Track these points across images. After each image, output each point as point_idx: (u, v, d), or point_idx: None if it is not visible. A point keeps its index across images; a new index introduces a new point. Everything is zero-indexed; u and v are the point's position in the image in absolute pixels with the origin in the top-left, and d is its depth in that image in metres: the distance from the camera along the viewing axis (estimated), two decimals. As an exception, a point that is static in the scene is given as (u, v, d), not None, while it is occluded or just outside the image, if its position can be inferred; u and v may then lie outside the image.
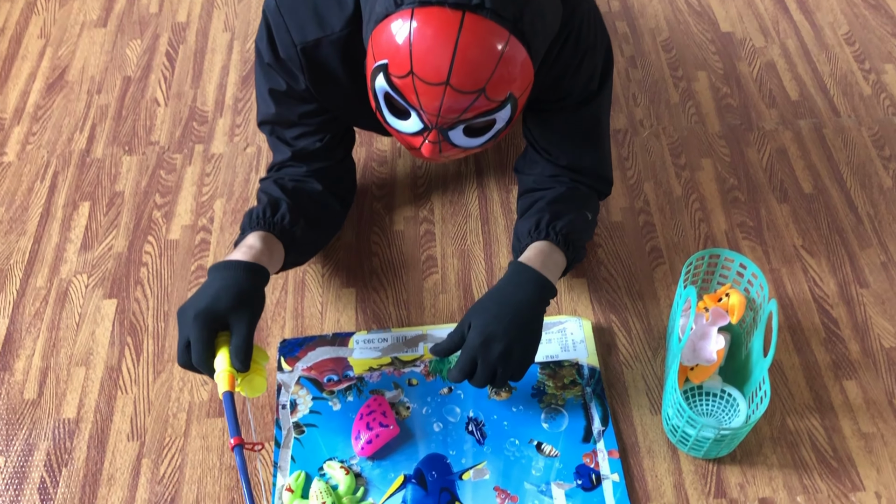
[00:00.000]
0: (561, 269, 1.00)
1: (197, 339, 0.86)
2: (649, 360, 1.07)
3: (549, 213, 1.02)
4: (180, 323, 0.89)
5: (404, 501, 0.95)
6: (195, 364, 0.87)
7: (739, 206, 1.24)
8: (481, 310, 0.94)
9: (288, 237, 1.00)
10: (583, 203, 1.05)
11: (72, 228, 1.21)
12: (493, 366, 0.91)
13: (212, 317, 0.87)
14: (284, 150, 1.05)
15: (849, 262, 1.17)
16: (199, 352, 0.86)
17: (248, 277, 0.91)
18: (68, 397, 1.04)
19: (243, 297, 0.89)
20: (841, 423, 1.01)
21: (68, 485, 0.97)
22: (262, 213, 0.99)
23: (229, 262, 0.92)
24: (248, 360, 0.87)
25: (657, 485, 0.96)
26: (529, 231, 1.01)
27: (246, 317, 0.88)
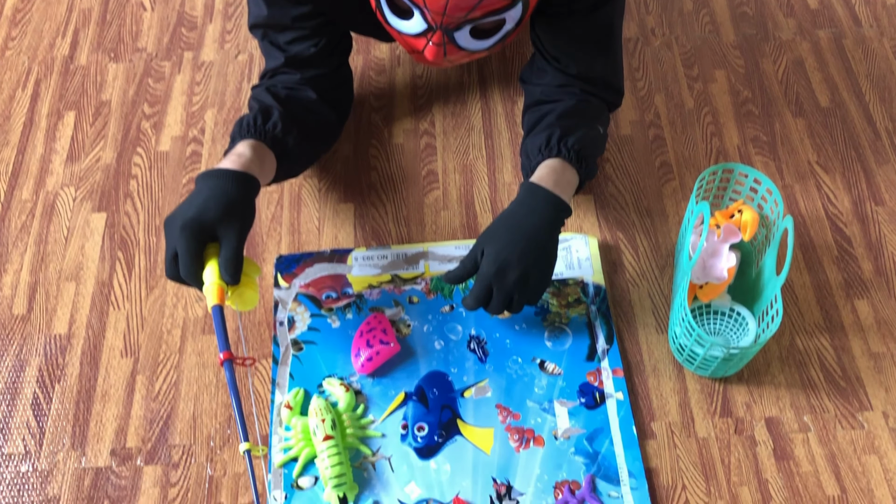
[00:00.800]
0: (574, 187, 0.96)
1: (184, 250, 0.82)
2: (656, 279, 1.04)
3: (559, 128, 0.96)
4: (167, 233, 0.85)
5: (405, 418, 0.93)
6: (183, 277, 0.84)
7: (753, 119, 1.19)
8: (494, 235, 0.90)
9: (280, 146, 0.95)
10: (594, 116, 1.00)
11: (57, 139, 1.16)
12: (509, 293, 0.88)
13: (199, 227, 0.83)
14: (277, 55, 1.00)
15: (864, 178, 1.13)
16: (187, 264, 0.82)
17: (238, 187, 0.87)
18: (59, 313, 1.01)
19: (233, 207, 0.85)
20: (851, 343, 0.99)
21: (62, 401, 0.95)
22: (253, 120, 0.94)
23: (218, 170, 0.88)
24: (238, 273, 0.83)
25: (662, 403, 0.95)
26: (540, 148, 0.96)
27: (235, 227, 0.84)
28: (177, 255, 0.83)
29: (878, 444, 0.92)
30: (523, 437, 0.92)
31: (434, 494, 0.89)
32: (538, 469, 0.90)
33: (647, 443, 0.92)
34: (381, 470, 0.90)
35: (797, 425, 0.93)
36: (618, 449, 0.91)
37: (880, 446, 0.92)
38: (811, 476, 0.90)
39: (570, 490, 0.88)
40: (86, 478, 0.90)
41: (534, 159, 0.97)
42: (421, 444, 0.92)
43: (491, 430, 0.93)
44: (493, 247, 0.89)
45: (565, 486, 0.89)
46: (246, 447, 0.77)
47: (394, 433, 0.92)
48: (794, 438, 0.92)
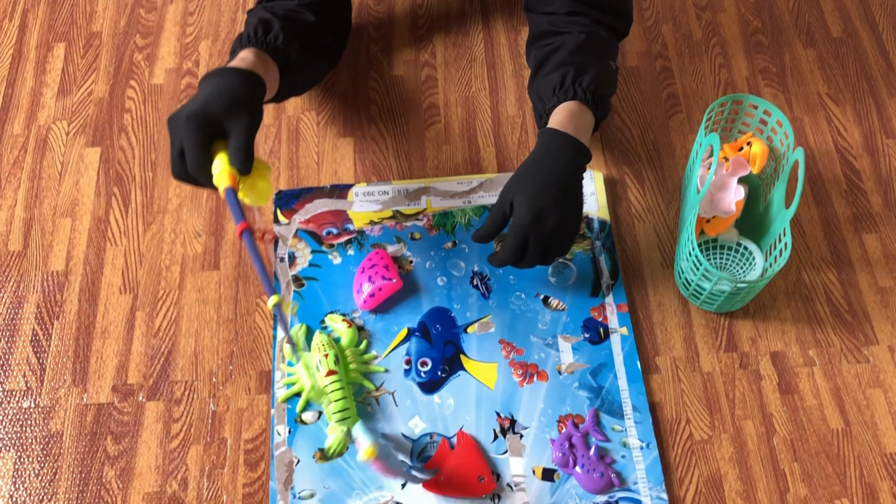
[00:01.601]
0: (591, 130, 0.92)
1: (191, 141, 0.77)
2: (662, 213, 1.02)
3: (573, 66, 0.92)
4: (172, 130, 0.79)
5: (408, 354, 0.93)
6: (191, 171, 0.79)
7: (762, 50, 1.15)
8: (522, 184, 0.86)
9: (282, 58, 0.91)
10: (605, 51, 0.96)
11: (47, 72, 1.13)
12: (547, 241, 0.85)
13: (205, 118, 0.78)
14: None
15: (876, 110, 1.10)
16: (196, 155, 0.78)
17: (244, 83, 0.82)
18: (55, 249, 0.99)
19: (239, 101, 0.80)
20: (858, 277, 0.98)
21: (61, 337, 0.94)
22: (254, 32, 0.90)
23: (221, 69, 0.83)
24: (249, 161, 0.79)
25: (667, 338, 0.94)
26: (554, 89, 0.92)
27: (244, 119, 0.79)
28: (183, 151, 0.79)
29: (883, 378, 0.92)
30: (527, 372, 0.92)
31: (438, 428, 0.89)
32: (542, 403, 0.90)
33: (652, 377, 0.92)
34: (385, 404, 0.90)
35: (802, 360, 0.93)
36: (622, 383, 0.91)
37: (885, 380, 0.92)
38: (815, 409, 0.90)
39: (573, 424, 0.88)
40: (88, 414, 0.90)
41: (548, 102, 0.93)
42: (424, 378, 0.91)
43: (495, 366, 0.92)
44: (524, 195, 0.85)
45: (569, 420, 0.89)
46: (275, 300, 0.74)
47: (397, 368, 0.92)
48: (799, 373, 0.92)
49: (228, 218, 1.01)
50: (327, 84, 1.12)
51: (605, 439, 0.88)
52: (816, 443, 0.88)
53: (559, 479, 0.86)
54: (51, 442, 0.88)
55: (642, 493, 0.85)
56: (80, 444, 0.88)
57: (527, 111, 1.10)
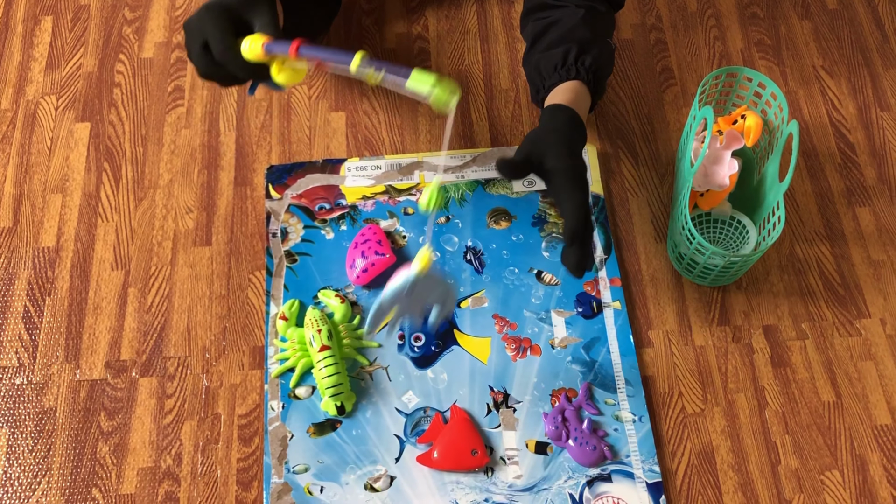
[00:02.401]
0: (587, 110, 0.90)
1: (214, 27, 0.74)
2: (656, 187, 1.02)
3: (575, 45, 0.90)
4: (189, 31, 0.76)
5: (401, 329, 0.93)
6: (219, 57, 0.75)
7: (758, 22, 1.14)
8: (545, 141, 0.81)
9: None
10: (604, 26, 0.95)
11: (34, 45, 1.12)
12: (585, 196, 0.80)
13: (225, 7, 0.75)
14: None
15: (871, 83, 1.10)
16: (221, 39, 0.73)
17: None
18: (46, 225, 0.99)
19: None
20: (851, 251, 0.98)
21: (53, 314, 0.94)
22: None
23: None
24: (280, 31, 0.75)
25: (660, 312, 0.94)
26: (556, 67, 0.91)
27: (266, 6, 0.76)
28: (205, 45, 0.75)
29: (875, 351, 0.92)
30: (520, 347, 0.92)
31: (431, 403, 0.89)
32: (535, 377, 0.90)
33: (644, 351, 0.92)
34: (379, 379, 0.90)
35: (795, 333, 0.93)
36: (615, 357, 0.91)
37: (877, 353, 0.92)
38: (807, 382, 0.90)
39: (566, 398, 0.89)
40: (81, 390, 0.90)
41: (548, 79, 0.91)
42: (418, 353, 0.91)
43: (488, 340, 0.92)
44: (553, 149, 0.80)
45: (562, 394, 0.89)
46: (360, 55, 0.70)
47: (391, 343, 0.92)
48: (792, 346, 0.92)
49: (220, 193, 1.01)
50: (319, 58, 1.10)
51: (597, 413, 0.88)
52: (808, 415, 0.89)
53: (552, 453, 0.86)
54: (44, 418, 0.88)
55: (635, 465, 0.86)
56: (73, 420, 0.88)
57: (520, 85, 1.09)
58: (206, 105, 1.07)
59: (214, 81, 0.79)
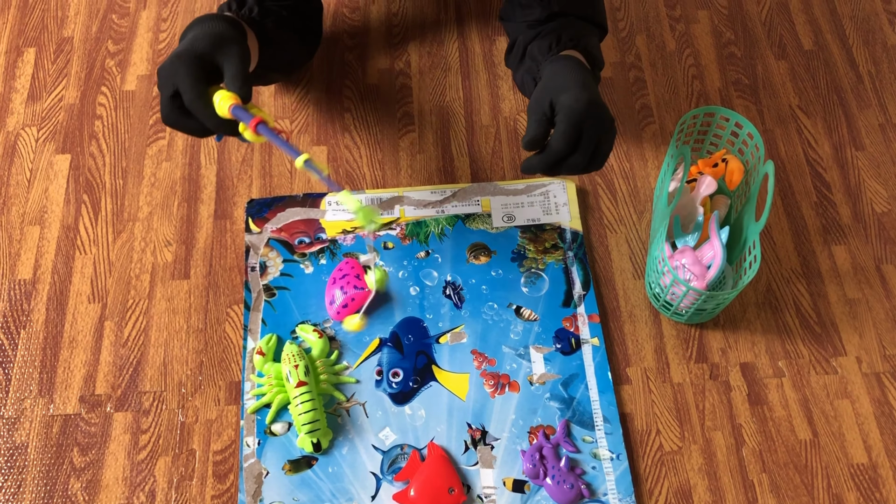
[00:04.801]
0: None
1: (186, 76, 0.74)
2: (634, 224, 1.02)
3: (568, 30, 0.91)
4: (161, 78, 0.76)
5: (379, 364, 0.92)
6: (188, 105, 0.75)
7: (735, 62, 1.16)
8: (558, 86, 0.81)
9: (259, 28, 0.89)
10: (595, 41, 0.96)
11: (17, 77, 1.12)
12: (599, 134, 0.80)
13: (196, 55, 0.75)
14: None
15: (846, 123, 1.11)
16: (191, 87, 0.74)
17: (228, 26, 0.79)
18: (23, 257, 0.98)
19: (227, 38, 0.77)
20: (827, 289, 0.99)
21: (28, 347, 0.93)
22: (228, 6, 0.88)
23: (202, 16, 0.81)
24: (248, 86, 0.76)
25: (637, 349, 0.94)
26: (550, 46, 0.90)
27: (235, 51, 0.76)
28: (175, 93, 0.75)
29: (851, 389, 0.93)
30: (498, 383, 0.92)
31: (409, 440, 0.88)
32: (513, 414, 0.90)
33: (623, 388, 0.92)
34: (356, 416, 0.89)
35: (772, 370, 0.93)
36: (593, 394, 0.91)
37: (853, 391, 0.93)
38: (784, 420, 0.91)
39: (544, 435, 0.88)
40: (54, 425, 0.89)
41: (543, 57, 0.90)
42: (396, 389, 0.91)
43: (466, 376, 0.92)
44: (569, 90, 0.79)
45: (540, 432, 0.89)
46: (304, 157, 0.73)
47: (368, 379, 0.92)
48: (769, 384, 0.93)
49: (199, 226, 1.00)
50: (301, 92, 1.11)
51: (575, 450, 0.88)
52: (785, 454, 0.89)
53: (529, 491, 0.86)
54: (15, 454, 0.87)
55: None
56: (45, 455, 0.87)
57: (500, 121, 1.10)
58: (188, 138, 1.07)
59: (181, 131, 0.78)
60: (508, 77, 1.13)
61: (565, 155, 0.79)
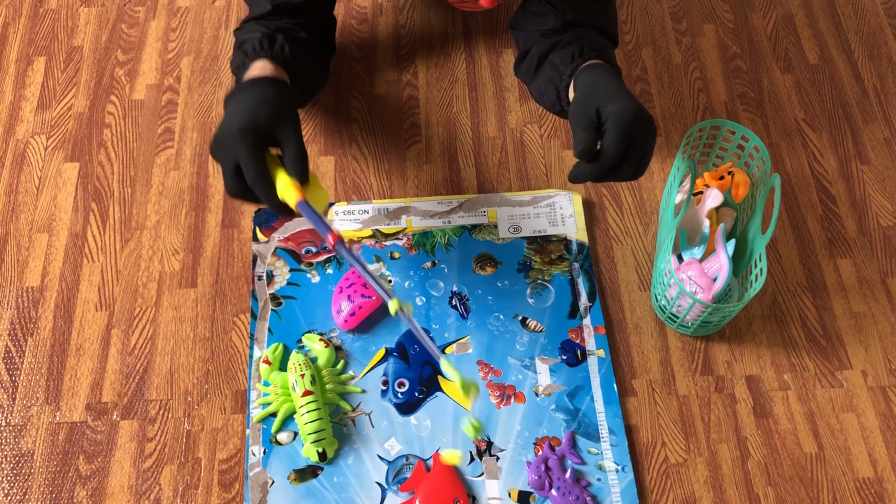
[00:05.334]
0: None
1: (248, 155, 0.76)
2: (640, 236, 1.03)
3: (587, 40, 0.92)
4: (220, 150, 0.78)
5: (385, 374, 0.93)
6: (251, 184, 0.76)
7: (741, 75, 1.17)
8: (602, 94, 0.82)
9: (291, 68, 0.90)
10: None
11: (27, 85, 1.12)
12: (647, 142, 0.81)
13: (257, 130, 0.76)
14: (263, 3, 0.95)
15: (851, 136, 1.12)
16: (256, 168, 0.76)
17: (278, 90, 0.81)
18: (31, 265, 0.99)
19: (282, 108, 0.79)
20: (832, 302, 0.99)
21: (35, 355, 0.93)
22: (260, 45, 0.89)
23: (251, 80, 0.82)
24: (307, 170, 0.78)
25: (643, 361, 0.95)
26: (573, 55, 0.91)
27: (292, 126, 0.78)
28: (237, 167, 0.77)
29: (856, 403, 0.93)
30: (504, 394, 0.92)
31: (414, 450, 0.88)
32: (518, 425, 0.90)
33: (628, 400, 0.92)
34: (361, 425, 0.90)
35: (777, 383, 0.93)
36: (598, 406, 0.91)
37: (858, 404, 0.92)
38: (790, 433, 0.91)
39: (550, 446, 0.88)
40: (60, 432, 0.89)
41: (566, 67, 0.91)
42: (401, 400, 0.91)
43: (472, 387, 0.92)
44: (615, 99, 0.80)
45: (545, 443, 0.89)
46: (396, 305, 0.76)
47: (374, 389, 0.92)
48: (774, 396, 0.93)
49: (206, 235, 1.01)
50: (309, 102, 1.12)
51: (580, 462, 0.88)
52: (790, 467, 0.89)
53: (535, 502, 0.86)
54: (21, 461, 0.87)
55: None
56: (51, 463, 0.87)
57: (507, 132, 1.10)
58: (196, 147, 1.07)
59: (243, 201, 0.81)
60: (515, 89, 1.14)
61: (618, 163, 0.80)
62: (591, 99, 0.82)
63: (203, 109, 1.11)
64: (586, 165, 0.80)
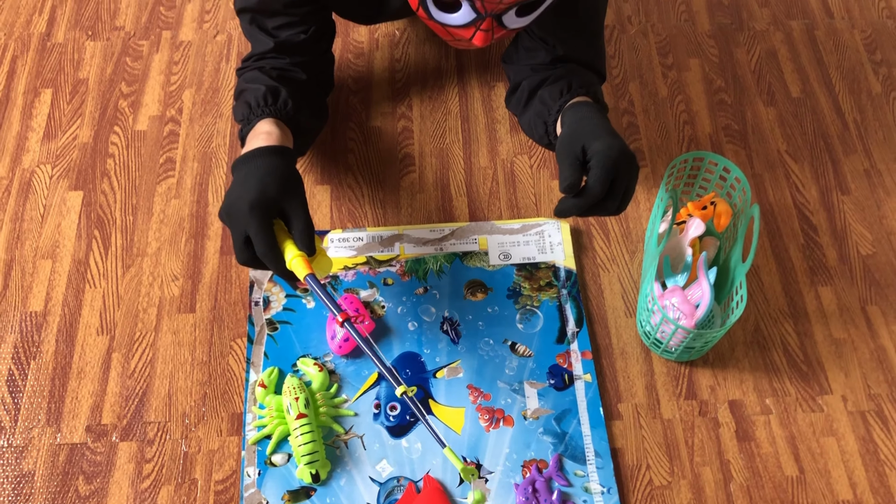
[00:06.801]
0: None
1: (258, 229, 0.81)
2: (626, 263, 1.06)
3: (577, 77, 0.96)
4: (232, 220, 0.83)
5: (377, 398, 0.95)
6: (261, 256, 0.82)
7: (725, 108, 1.21)
8: (587, 132, 0.86)
9: (294, 124, 0.95)
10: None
11: (33, 116, 1.16)
12: (630, 179, 0.85)
13: (266, 204, 0.82)
14: (265, 40, 0.98)
15: (832, 168, 1.15)
16: (265, 242, 0.81)
17: (285, 162, 0.86)
18: (35, 290, 1.02)
19: (290, 181, 0.85)
20: (813, 329, 1.02)
21: (37, 377, 0.96)
22: (264, 100, 0.93)
23: (259, 149, 0.87)
24: (313, 243, 0.83)
25: (629, 385, 0.97)
26: (561, 92, 0.95)
27: (299, 199, 0.84)
28: (247, 238, 0.82)
29: (836, 427, 0.95)
30: (493, 417, 0.94)
31: (405, 472, 0.91)
32: (507, 448, 0.92)
33: (614, 423, 0.95)
34: (354, 448, 0.92)
35: (759, 408, 0.96)
36: (585, 429, 0.94)
37: (838, 429, 0.95)
38: (771, 457, 0.93)
39: (537, 469, 0.91)
40: (61, 454, 0.91)
41: (555, 103, 0.96)
42: (393, 423, 0.94)
43: (462, 410, 0.95)
44: (601, 140, 0.84)
45: (533, 465, 0.91)
46: (402, 390, 0.81)
47: (366, 412, 0.94)
48: (756, 420, 0.95)
49: (205, 262, 1.04)
50: (306, 133, 1.15)
51: (567, 484, 0.90)
52: (772, 489, 0.91)
53: (522, 523, 0.88)
54: (22, 482, 0.89)
55: (602, 537, 0.87)
56: (51, 483, 0.89)
57: (498, 163, 1.14)
58: (196, 176, 1.11)
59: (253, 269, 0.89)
60: (506, 121, 1.18)
61: (602, 199, 0.83)
62: (577, 136, 0.85)
63: (204, 140, 1.14)
64: (571, 200, 0.83)
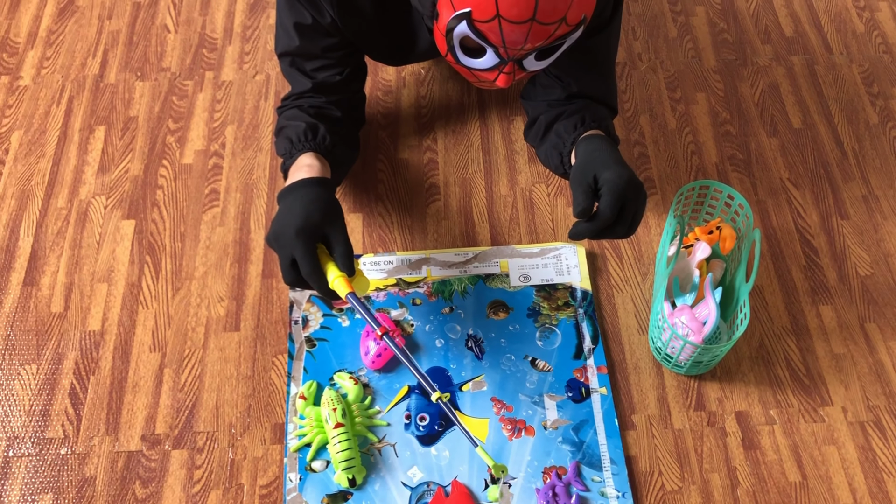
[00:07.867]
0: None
1: (304, 253, 0.90)
2: (639, 284, 1.13)
3: (590, 112, 1.04)
4: (278, 245, 0.91)
5: (408, 409, 1.03)
6: (306, 277, 0.90)
7: (731, 139, 1.29)
8: (599, 162, 0.93)
9: (332, 157, 1.04)
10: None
11: (89, 152, 1.26)
12: (638, 206, 0.92)
13: (311, 230, 0.91)
14: (304, 81, 1.07)
15: (832, 194, 1.23)
16: (310, 264, 0.90)
17: (326, 191, 0.95)
18: (93, 311, 1.11)
19: (331, 209, 0.93)
20: (815, 345, 1.08)
21: (96, 391, 1.04)
22: (304, 135, 1.02)
23: (303, 181, 0.95)
24: (353, 264, 0.92)
25: (642, 398, 1.04)
26: (575, 125, 1.03)
27: (340, 225, 0.93)
28: (293, 261, 0.91)
29: (837, 436, 1.02)
30: (515, 427, 1.02)
31: (434, 478, 0.98)
32: (529, 456, 1.00)
33: (628, 433, 1.02)
34: (387, 455, 1.00)
35: (764, 418, 1.03)
36: (601, 438, 1.01)
37: (839, 438, 1.01)
38: (776, 464, 1.00)
39: (557, 475, 0.98)
40: (119, 460, 0.99)
41: (569, 136, 1.03)
42: (423, 432, 1.01)
43: (486, 421, 1.02)
44: (611, 169, 0.91)
45: (553, 472, 0.98)
46: (437, 396, 0.91)
47: (398, 422, 1.02)
48: (761, 430, 1.02)
49: (248, 284, 1.13)
50: (339, 165, 1.24)
51: (585, 489, 0.97)
52: (777, 495, 0.98)
53: (543, 525, 0.95)
54: (85, 486, 0.98)
55: (618, 538, 0.94)
56: (111, 487, 0.98)
57: (517, 191, 1.22)
58: (239, 206, 1.20)
59: (300, 289, 1.01)
60: (525, 152, 1.26)
61: (612, 223, 0.91)
62: (589, 166, 0.94)
63: (245, 172, 1.24)
64: (584, 224, 0.91)
